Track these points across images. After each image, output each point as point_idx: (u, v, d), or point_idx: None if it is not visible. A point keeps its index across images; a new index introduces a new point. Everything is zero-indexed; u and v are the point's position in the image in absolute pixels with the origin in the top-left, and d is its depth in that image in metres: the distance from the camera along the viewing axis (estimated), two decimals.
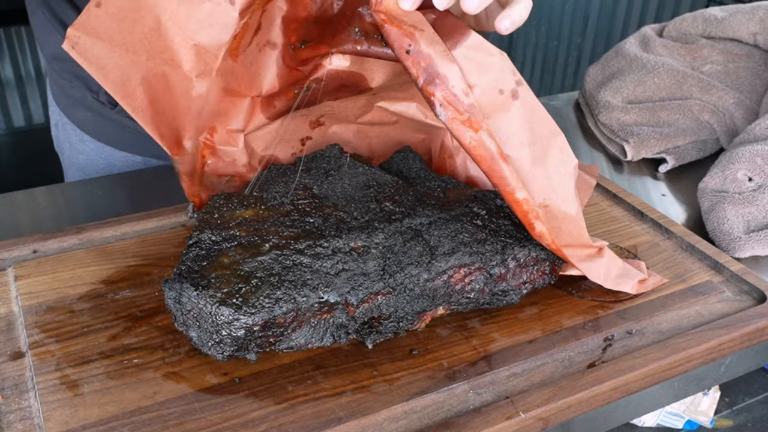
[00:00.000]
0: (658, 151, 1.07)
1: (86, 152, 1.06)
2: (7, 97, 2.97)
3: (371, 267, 0.66)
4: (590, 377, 0.65)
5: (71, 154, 1.08)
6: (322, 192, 0.75)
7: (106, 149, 1.05)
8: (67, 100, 1.03)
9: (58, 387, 0.62)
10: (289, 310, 0.62)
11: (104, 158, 1.05)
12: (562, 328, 0.71)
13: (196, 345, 0.64)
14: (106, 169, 1.06)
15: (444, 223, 0.71)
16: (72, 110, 1.04)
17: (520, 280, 0.71)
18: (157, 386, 0.62)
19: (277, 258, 0.65)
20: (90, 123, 1.03)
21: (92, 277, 0.75)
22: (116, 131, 1.03)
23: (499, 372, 0.65)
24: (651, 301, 0.75)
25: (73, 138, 1.06)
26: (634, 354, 0.68)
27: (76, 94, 1.01)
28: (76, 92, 1.01)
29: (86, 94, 1.00)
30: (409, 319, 0.68)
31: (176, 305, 0.63)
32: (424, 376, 0.64)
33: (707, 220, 0.91)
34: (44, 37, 0.99)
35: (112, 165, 1.06)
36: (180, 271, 0.64)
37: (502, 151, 0.62)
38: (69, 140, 1.07)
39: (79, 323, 0.69)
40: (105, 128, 1.03)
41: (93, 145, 1.05)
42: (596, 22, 3.22)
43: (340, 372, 0.65)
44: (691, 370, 0.67)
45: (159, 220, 0.83)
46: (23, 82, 2.97)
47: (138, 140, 1.03)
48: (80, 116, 1.03)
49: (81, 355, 0.65)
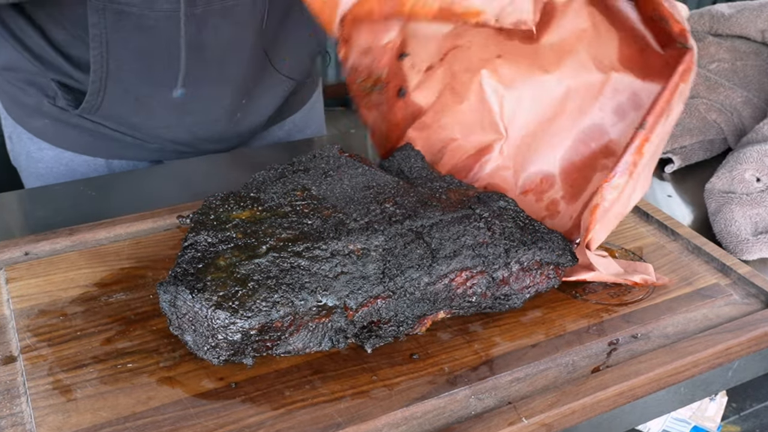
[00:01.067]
0: (663, 151, 1.07)
1: (45, 160, 1.05)
2: None
3: (371, 270, 0.66)
4: (594, 382, 0.65)
5: (28, 165, 1.06)
6: (321, 193, 0.75)
7: (66, 155, 1.04)
8: (21, 109, 1.02)
9: (51, 392, 0.62)
10: (286, 313, 0.62)
11: (65, 164, 1.04)
12: (566, 332, 0.71)
13: (191, 349, 0.64)
14: (68, 175, 1.05)
15: (446, 225, 0.71)
16: (27, 119, 1.03)
17: (524, 284, 0.72)
18: (152, 391, 0.62)
19: (275, 260, 0.65)
20: (48, 130, 1.02)
21: (85, 280, 0.75)
22: (76, 135, 1.02)
23: (501, 377, 0.65)
24: (657, 305, 0.75)
25: (30, 147, 1.05)
26: (640, 358, 0.68)
27: (30, 102, 1.00)
28: (30, 100, 1.00)
29: (42, 101, 0.99)
30: (409, 323, 0.68)
31: (171, 308, 0.63)
32: (425, 381, 0.64)
33: (714, 222, 0.91)
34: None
35: (73, 171, 1.05)
36: (175, 274, 0.64)
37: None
38: (26, 150, 1.05)
39: (72, 327, 0.69)
40: (64, 133, 1.02)
41: (51, 152, 1.04)
42: None
43: (338, 377, 0.65)
44: (697, 374, 0.67)
45: (154, 222, 0.84)
46: None
47: (99, 142, 1.02)
48: (36, 124, 1.02)
49: (74, 360, 0.65)
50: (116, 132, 1.01)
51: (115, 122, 1.00)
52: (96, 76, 0.92)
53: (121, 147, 1.04)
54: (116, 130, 1.01)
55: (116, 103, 0.96)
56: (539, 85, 0.84)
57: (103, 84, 0.93)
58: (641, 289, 0.76)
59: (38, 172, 1.06)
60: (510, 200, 0.76)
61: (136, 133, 1.02)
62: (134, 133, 1.02)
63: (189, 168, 1.04)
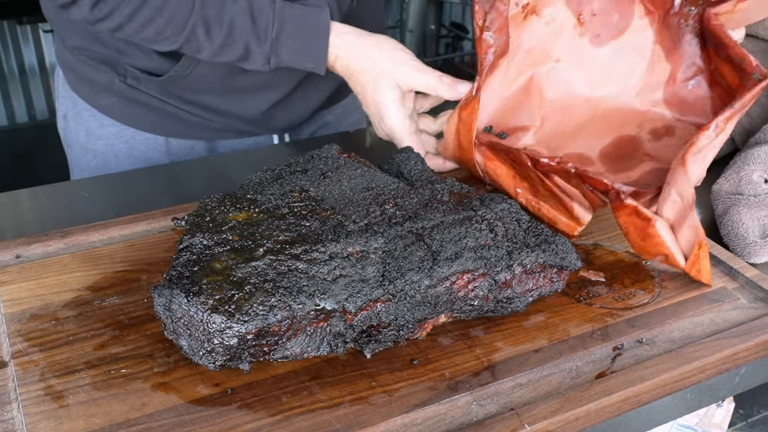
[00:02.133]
0: None
1: (106, 137, 1.10)
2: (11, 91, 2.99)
3: (370, 273, 0.66)
4: (599, 388, 0.65)
5: (87, 142, 1.11)
6: (319, 194, 0.75)
7: (128, 132, 1.09)
8: (90, 87, 1.08)
9: (42, 398, 0.62)
10: (284, 317, 0.62)
11: (125, 141, 1.10)
12: (570, 337, 0.71)
13: (186, 354, 0.64)
14: (127, 153, 1.10)
15: (447, 226, 0.71)
16: (96, 97, 1.08)
17: (526, 287, 0.72)
18: (146, 397, 0.62)
19: (272, 263, 0.65)
20: (115, 107, 1.08)
21: (78, 284, 0.75)
22: (143, 113, 1.07)
23: (503, 383, 0.65)
24: (662, 309, 0.75)
25: (92, 124, 1.10)
26: (645, 364, 0.68)
27: (101, 80, 1.05)
28: (101, 77, 1.05)
29: (113, 78, 1.04)
30: (409, 328, 0.68)
31: (166, 313, 0.63)
32: (425, 387, 0.64)
33: (721, 224, 0.91)
34: (66, 29, 1.04)
35: (133, 148, 1.10)
36: (170, 277, 0.64)
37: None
38: (86, 127, 1.11)
39: (64, 331, 0.69)
40: (131, 110, 1.07)
41: (113, 128, 1.09)
42: None
43: (337, 383, 0.65)
44: (704, 380, 0.67)
45: (148, 224, 0.84)
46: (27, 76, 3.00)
47: (165, 121, 1.08)
48: (104, 102, 1.08)
49: (66, 365, 0.65)
50: (182, 110, 1.07)
51: (183, 98, 1.06)
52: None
53: (185, 126, 1.09)
54: (182, 109, 1.07)
55: (198, 77, 1.02)
56: (583, 100, 0.91)
57: (195, 60, 0.99)
58: (646, 294, 0.77)
59: (96, 150, 1.11)
60: (513, 202, 0.76)
61: (203, 112, 1.07)
62: (201, 112, 1.07)
63: (184, 169, 1.04)
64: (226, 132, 1.12)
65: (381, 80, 0.89)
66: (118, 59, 1.03)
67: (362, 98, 0.93)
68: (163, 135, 1.10)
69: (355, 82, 0.93)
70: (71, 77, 1.10)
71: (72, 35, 1.04)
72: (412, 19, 3.42)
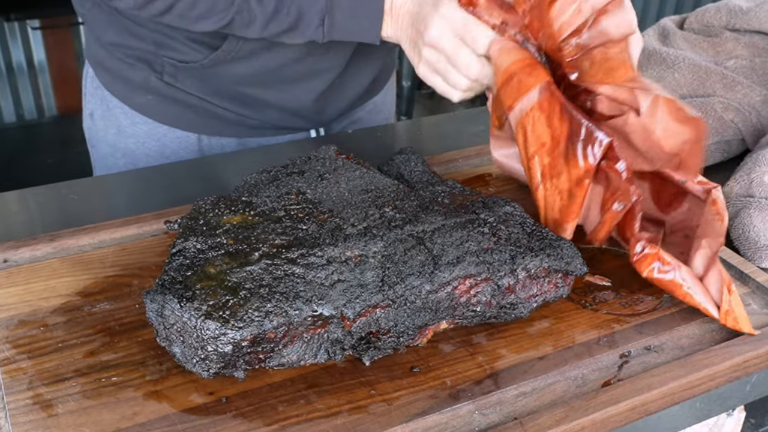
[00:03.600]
0: None
1: (138, 135, 1.11)
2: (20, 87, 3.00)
3: (369, 278, 0.67)
4: (605, 397, 0.65)
5: (117, 141, 1.13)
6: (317, 196, 0.75)
7: (161, 129, 1.10)
8: (125, 85, 1.09)
9: (31, 407, 0.62)
10: (280, 324, 0.62)
11: (157, 139, 1.11)
12: (575, 344, 0.71)
13: (179, 362, 0.64)
14: (158, 151, 1.12)
15: (448, 230, 0.71)
16: (130, 95, 1.09)
17: (530, 293, 0.72)
18: (138, 406, 0.62)
19: (268, 268, 0.65)
20: (151, 105, 1.09)
21: (67, 289, 0.75)
22: (177, 110, 1.09)
23: (506, 391, 0.65)
24: (671, 315, 0.75)
25: (123, 122, 1.11)
26: (653, 372, 0.68)
27: (137, 78, 1.07)
28: (137, 75, 1.06)
29: (150, 76, 1.06)
30: (409, 334, 0.68)
31: (158, 319, 0.64)
32: (426, 396, 0.65)
33: (732, 228, 0.91)
34: (102, 26, 1.05)
35: (164, 146, 1.12)
36: (162, 282, 0.64)
37: None
38: (117, 125, 1.12)
39: (53, 338, 0.69)
40: (166, 109, 1.09)
41: (145, 126, 1.10)
42: None
43: (335, 391, 0.65)
44: (714, 389, 0.67)
45: (139, 227, 0.84)
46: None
47: (198, 117, 1.09)
48: (139, 100, 1.09)
49: (55, 373, 0.65)
50: (219, 107, 1.08)
51: (219, 93, 1.06)
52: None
53: (220, 124, 1.11)
54: (219, 106, 1.08)
55: (237, 63, 1.02)
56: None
57: (237, 45, 0.99)
58: (654, 299, 0.77)
59: (127, 148, 1.12)
60: (517, 205, 0.76)
61: (240, 107, 1.08)
62: (237, 108, 1.08)
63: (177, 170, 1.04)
64: (262, 129, 1.13)
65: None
66: (155, 54, 1.04)
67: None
68: (196, 132, 1.11)
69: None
70: (104, 75, 1.11)
71: (107, 31, 1.05)
72: None
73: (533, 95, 0.78)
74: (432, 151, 1.03)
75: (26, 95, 3.08)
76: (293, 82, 1.07)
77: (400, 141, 1.18)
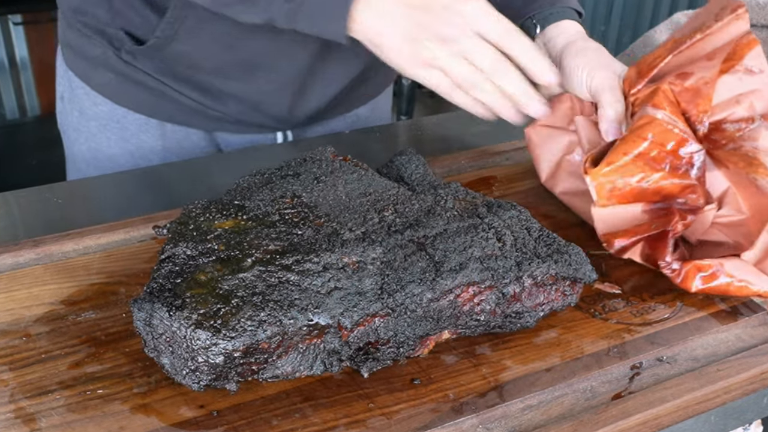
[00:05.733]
0: None
1: (99, 117, 1.12)
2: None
3: (368, 285, 0.67)
4: (615, 410, 0.65)
5: (80, 124, 1.13)
6: (313, 200, 0.75)
7: (120, 111, 1.11)
8: (86, 62, 1.09)
9: (13, 421, 0.62)
10: (274, 334, 0.62)
11: (117, 121, 1.11)
12: (584, 355, 0.71)
13: (168, 373, 0.64)
14: (119, 134, 1.11)
15: (451, 235, 0.72)
16: (91, 73, 1.10)
17: (537, 301, 0.72)
18: (125, 420, 0.62)
19: (261, 275, 0.65)
20: (111, 84, 1.09)
21: (51, 297, 0.75)
22: (138, 92, 1.08)
23: (512, 404, 0.65)
24: (684, 324, 0.75)
25: (85, 103, 1.12)
26: (666, 384, 0.68)
27: (96, 53, 1.07)
28: (96, 50, 1.06)
29: (108, 52, 1.06)
30: (410, 345, 0.68)
31: (146, 328, 0.64)
32: (427, 409, 0.65)
33: None
34: None
35: (124, 129, 1.11)
36: (151, 290, 0.64)
37: None
38: (79, 107, 1.12)
39: (36, 349, 0.69)
40: (125, 89, 1.09)
41: (106, 107, 1.11)
42: (622, 8, 3.23)
43: (331, 404, 0.65)
44: (729, 402, 0.67)
45: (126, 232, 0.84)
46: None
47: (160, 102, 1.09)
48: (99, 80, 1.09)
49: (38, 385, 0.65)
50: (179, 93, 1.07)
51: (179, 78, 1.06)
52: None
53: (181, 111, 1.10)
54: (179, 91, 1.07)
55: (189, 40, 1.01)
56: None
57: (182, 13, 0.98)
58: (667, 308, 0.77)
59: (89, 131, 1.13)
60: (523, 210, 0.76)
61: (200, 95, 1.07)
62: (197, 96, 1.07)
63: (166, 172, 1.04)
64: (224, 122, 1.11)
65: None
66: (112, 24, 1.03)
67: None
68: (157, 118, 1.11)
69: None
70: (68, 54, 1.12)
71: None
72: None
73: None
74: (434, 153, 1.04)
75: (7, 94, 3.07)
76: (252, 70, 1.05)
77: (401, 142, 1.19)
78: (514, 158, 1.04)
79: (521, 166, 1.02)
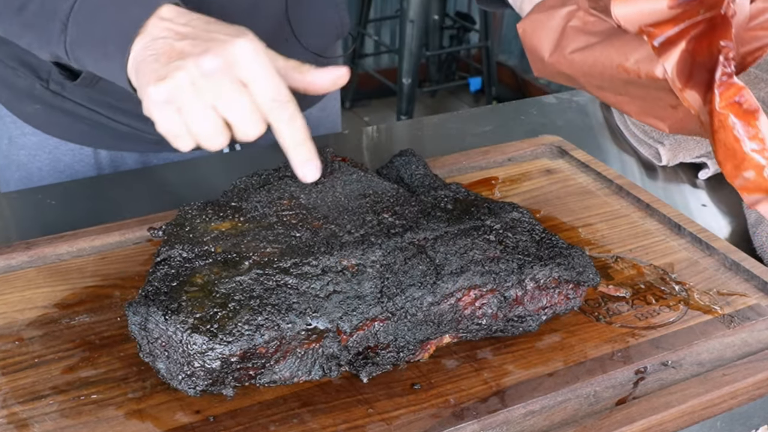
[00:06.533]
0: (697, 155, 1.07)
1: (28, 146, 1.08)
2: None
3: (367, 288, 0.67)
4: (619, 416, 0.65)
5: (9, 152, 1.10)
6: (311, 202, 0.75)
7: (51, 142, 1.07)
8: (11, 92, 1.06)
9: (5, 426, 0.62)
10: (271, 338, 0.62)
11: (48, 152, 1.08)
12: (587, 359, 0.71)
13: (164, 378, 0.64)
14: (51, 164, 1.08)
15: (452, 238, 0.72)
16: (17, 104, 1.06)
17: (539, 305, 0.72)
18: (119, 426, 0.62)
19: (258, 278, 0.65)
20: (39, 115, 1.06)
21: (44, 300, 0.75)
22: (68, 122, 1.05)
23: (514, 410, 0.65)
24: (690, 328, 0.75)
25: (13, 132, 1.08)
26: (671, 389, 0.68)
27: (22, 84, 1.03)
28: (22, 82, 1.03)
29: (34, 83, 1.02)
30: (410, 349, 0.68)
31: (141, 332, 0.64)
32: (428, 415, 0.65)
33: (755, 235, 0.91)
34: None
35: (57, 160, 1.08)
36: (146, 293, 0.64)
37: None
38: (8, 135, 1.09)
39: (29, 353, 0.69)
40: (56, 119, 1.05)
41: (35, 137, 1.07)
42: None
43: (330, 410, 0.65)
44: (736, 407, 0.67)
45: (121, 234, 0.84)
46: None
47: (91, 130, 1.06)
48: (27, 110, 1.06)
49: (31, 390, 0.65)
50: (112, 120, 1.05)
51: (113, 106, 1.03)
52: None
53: (115, 137, 1.07)
54: (112, 118, 1.04)
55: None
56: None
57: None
58: (672, 311, 0.77)
59: (20, 160, 1.10)
60: (525, 211, 0.76)
61: (135, 121, 1.04)
62: (133, 122, 1.05)
63: (161, 173, 1.04)
64: (161, 144, 0.98)
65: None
66: (37, 59, 0.97)
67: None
68: (90, 146, 1.08)
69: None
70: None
71: None
72: (414, 9, 3.41)
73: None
74: (434, 153, 1.04)
75: None
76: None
77: (400, 142, 1.19)
78: (516, 159, 1.04)
79: (523, 167, 1.02)
